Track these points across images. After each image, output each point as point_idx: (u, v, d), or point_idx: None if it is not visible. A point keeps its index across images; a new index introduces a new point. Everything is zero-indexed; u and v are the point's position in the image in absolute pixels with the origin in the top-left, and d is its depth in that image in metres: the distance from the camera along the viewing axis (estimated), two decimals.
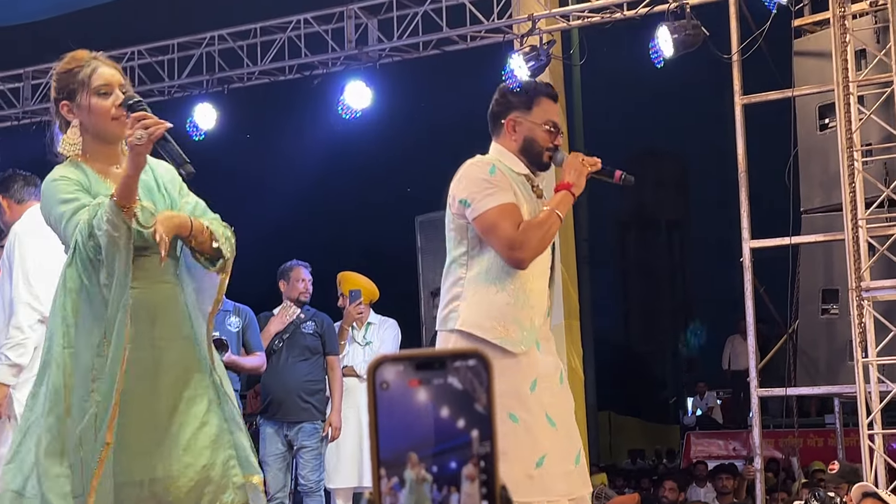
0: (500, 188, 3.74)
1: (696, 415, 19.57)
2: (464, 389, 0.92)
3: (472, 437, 0.91)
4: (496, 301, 3.76)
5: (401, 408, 0.91)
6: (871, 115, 7.59)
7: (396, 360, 0.92)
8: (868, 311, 7.40)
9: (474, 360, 0.92)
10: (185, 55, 10.67)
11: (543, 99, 3.90)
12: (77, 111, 3.34)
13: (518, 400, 3.70)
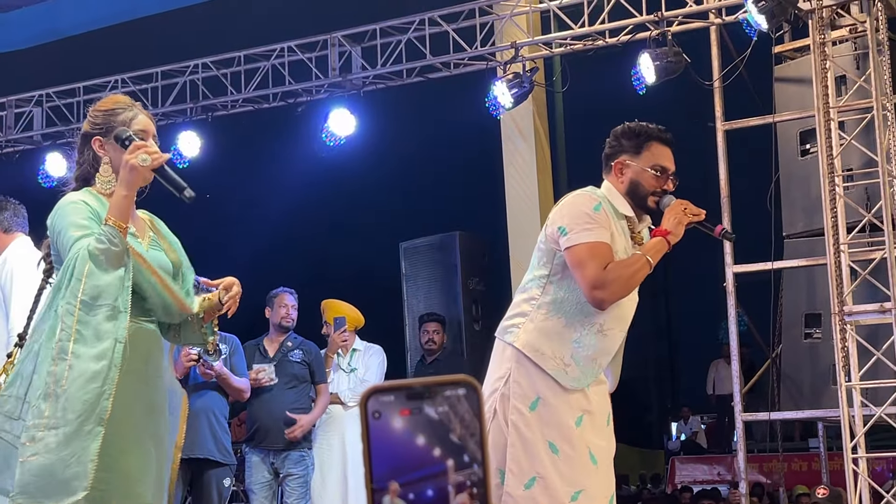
0: (599, 225, 3.74)
1: (681, 439, 19.55)
2: (455, 417, 0.93)
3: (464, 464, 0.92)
4: (563, 334, 3.78)
5: (392, 436, 0.93)
6: (852, 140, 7.65)
7: (388, 389, 0.94)
8: (851, 335, 7.44)
9: (464, 389, 0.94)
10: (168, 83, 10.69)
11: (654, 143, 3.86)
12: (109, 149, 3.45)
13: (561, 432, 3.72)
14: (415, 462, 0.93)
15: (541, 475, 3.69)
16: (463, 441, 0.93)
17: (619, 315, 3.79)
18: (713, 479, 14.97)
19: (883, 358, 7.30)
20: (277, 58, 10.25)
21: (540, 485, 3.70)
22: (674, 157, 3.86)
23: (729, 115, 8.83)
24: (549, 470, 3.68)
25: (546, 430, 3.72)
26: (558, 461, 3.69)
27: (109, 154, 3.45)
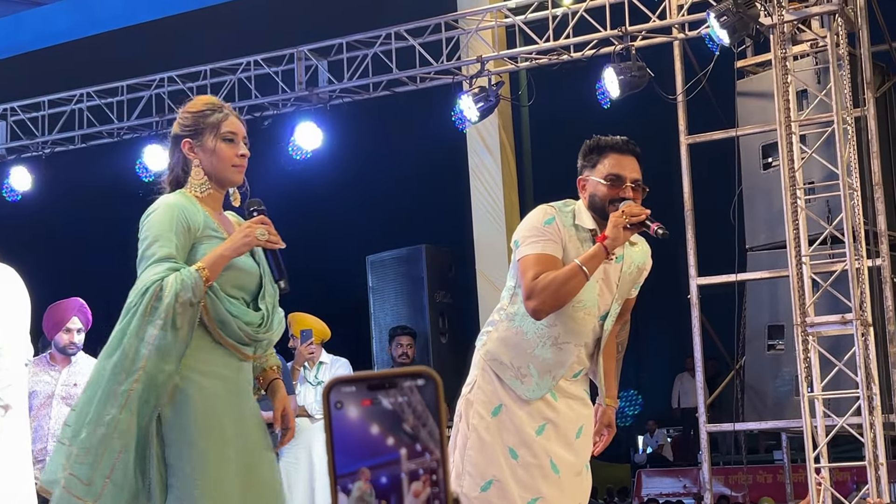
0: (547, 238, 3.77)
1: (647, 453, 19.63)
2: (413, 408, 0.96)
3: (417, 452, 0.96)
4: (522, 345, 3.82)
5: (353, 426, 0.96)
6: (813, 153, 7.75)
7: (350, 381, 0.97)
8: (813, 347, 7.52)
9: (422, 380, 0.97)
10: (134, 97, 10.67)
11: (610, 154, 3.85)
12: (199, 151, 3.45)
13: (521, 438, 3.75)
14: (372, 450, 0.96)
15: (497, 478, 3.73)
16: (415, 430, 0.96)
17: (573, 329, 3.81)
18: (679, 492, 15.04)
19: (845, 369, 7.38)
20: (244, 71, 10.27)
21: (496, 488, 3.73)
22: (639, 165, 3.87)
23: (692, 129, 8.93)
24: (506, 474, 3.71)
25: (506, 436, 3.77)
26: (517, 466, 3.73)
27: (199, 157, 3.44)
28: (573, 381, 3.89)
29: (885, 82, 8.88)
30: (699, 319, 8.68)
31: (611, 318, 3.91)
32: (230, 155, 3.45)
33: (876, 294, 8.02)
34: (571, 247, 3.78)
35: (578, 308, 3.78)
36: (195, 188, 3.44)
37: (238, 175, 3.46)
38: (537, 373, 3.79)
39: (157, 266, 3.26)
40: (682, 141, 8.85)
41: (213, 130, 3.44)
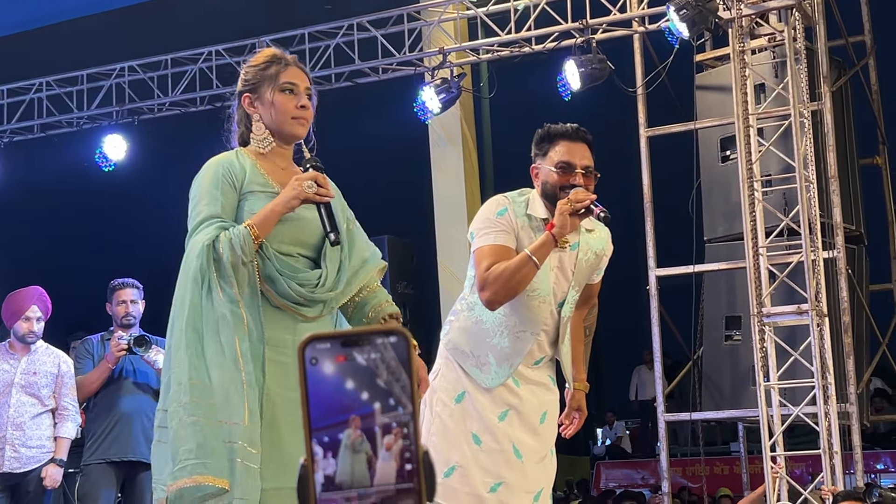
0: (499, 230, 3.81)
1: (606, 444, 19.75)
2: (386, 364, 1.00)
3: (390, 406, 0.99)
4: (481, 334, 3.87)
5: (327, 381, 0.99)
6: (770, 146, 7.84)
7: (325, 338, 1.00)
8: (769, 337, 7.62)
9: (395, 338, 1.00)
10: (94, 86, 10.62)
11: (560, 142, 3.87)
12: (259, 105, 3.31)
13: (484, 425, 3.80)
14: (346, 404, 0.99)
15: (460, 464, 3.77)
16: (389, 385, 1.00)
17: (529, 318, 3.86)
18: (637, 484, 15.17)
19: (800, 358, 7.49)
20: (205, 61, 10.24)
21: (458, 473, 3.77)
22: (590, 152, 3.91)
23: (652, 122, 9.01)
24: (469, 460, 3.76)
25: (469, 422, 3.81)
26: (479, 452, 3.77)
27: (259, 111, 3.31)
28: (535, 368, 3.93)
29: (842, 76, 9.00)
30: (658, 310, 8.77)
31: (568, 305, 3.94)
32: (289, 106, 3.29)
33: (831, 285, 8.13)
34: (524, 236, 3.82)
35: (533, 297, 3.82)
36: (258, 144, 3.31)
37: (299, 127, 3.30)
38: (495, 361, 3.83)
39: (206, 227, 3.15)
40: (641, 133, 8.94)
41: (271, 82, 3.30)
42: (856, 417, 8.04)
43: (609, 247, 4.07)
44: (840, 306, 8.21)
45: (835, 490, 7.15)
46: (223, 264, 3.09)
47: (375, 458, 1.00)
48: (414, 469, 1.00)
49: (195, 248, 3.12)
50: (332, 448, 1.00)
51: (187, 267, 3.14)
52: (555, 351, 3.98)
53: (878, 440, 14.35)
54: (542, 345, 3.93)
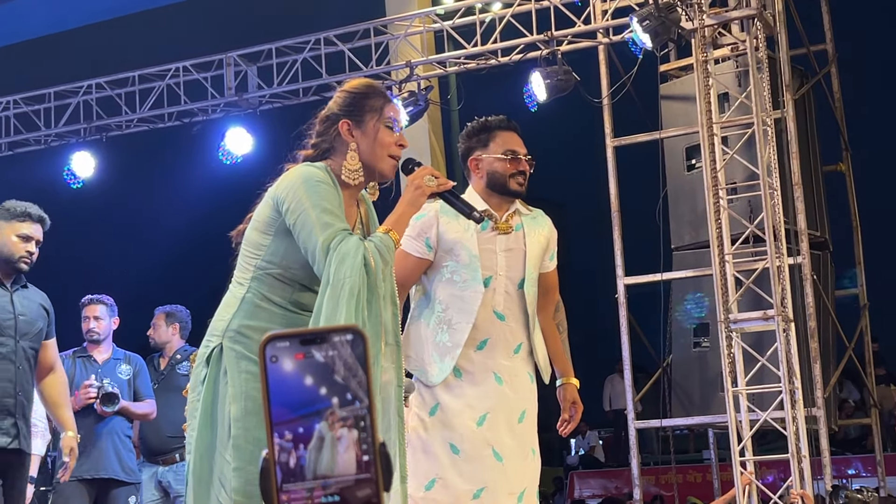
0: (412, 235, 3.94)
1: (579, 454, 19.82)
2: (343, 360, 1.05)
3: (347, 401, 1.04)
4: (422, 336, 3.97)
5: (287, 378, 1.04)
6: (735, 154, 7.93)
7: (284, 336, 1.05)
8: (737, 343, 7.69)
9: (351, 335, 1.05)
10: (62, 104, 10.61)
11: (499, 132, 4.06)
12: (358, 135, 3.21)
13: (462, 433, 3.84)
14: (306, 400, 1.04)
15: (440, 476, 3.80)
16: (346, 381, 1.04)
17: (463, 309, 3.94)
18: (611, 493, 15.24)
19: (767, 364, 7.56)
20: (173, 77, 10.25)
21: (439, 485, 3.81)
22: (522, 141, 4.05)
23: (618, 132, 9.10)
24: (449, 471, 3.79)
25: (446, 433, 3.85)
26: (458, 461, 3.81)
27: (358, 140, 3.19)
28: (514, 357, 3.98)
29: (804, 84, 9.11)
30: (626, 318, 8.84)
31: (528, 285, 4.03)
32: (390, 142, 3.21)
33: (797, 291, 8.23)
34: (451, 230, 3.93)
35: (465, 288, 3.93)
36: (349, 174, 3.17)
37: (392, 168, 3.23)
38: (438, 357, 3.90)
39: (346, 239, 3.00)
40: (607, 143, 9.02)
41: (376, 114, 3.22)
42: (823, 422, 8.13)
43: (553, 229, 4.20)
44: (806, 312, 8.30)
45: (804, 493, 7.23)
46: (372, 277, 2.99)
47: (335, 451, 1.04)
48: (371, 460, 1.05)
49: (345, 262, 2.97)
50: (293, 442, 1.04)
51: (338, 282, 2.96)
52: (530, 338, 4.04)
53: (848, 445, 14.48)
54: (514, 329, 3.99)
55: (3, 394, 4.67)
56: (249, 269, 3.21)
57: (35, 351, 4.85)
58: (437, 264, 3.99)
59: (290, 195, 3.09)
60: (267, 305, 3.15)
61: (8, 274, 4.84)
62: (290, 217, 3.09)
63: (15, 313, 4.78)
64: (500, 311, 3.98)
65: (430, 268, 4.01)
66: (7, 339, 4.73)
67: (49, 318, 4.99)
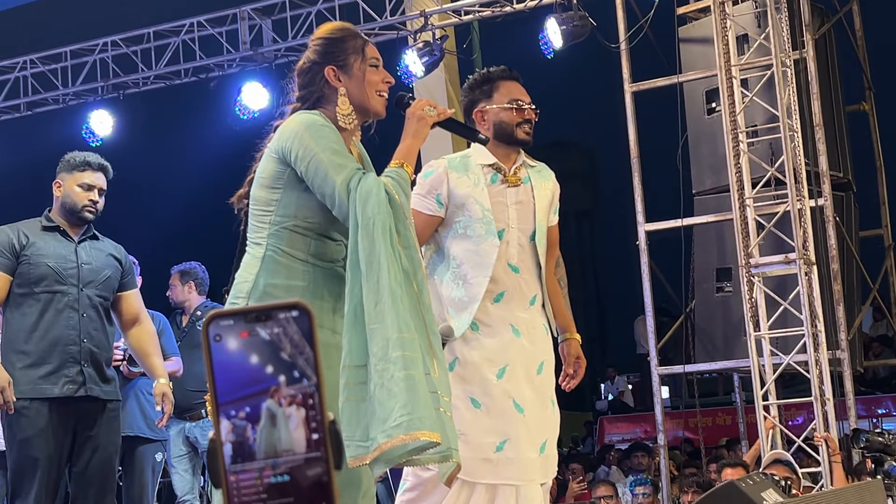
0: (421, 193, 3.91)
1: (608, 399, 19.87)
2: (290, 338, 1.03)
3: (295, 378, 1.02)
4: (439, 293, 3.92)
5: (232, 357, 1.02)
6: (754, 97, 7.83)
7: (228, 315, 1.02)
8: (758, 287, 7.64)
9: (296, 312, 1.03)
10: (78, 62, 10.60)
11: (502, 82, 4.01)
12: (345, 79, 3.19)
13: (482, 387, 3.82)
14: (252, 379, 1.02)
15: (462, 431, 3.78)
16: (293, 358, 1.02)
17: (479, 263, 3.91)
18: (640, 437, 15.26)
19: (790, 308, 7.51)
20: (187, 33, 10.21)
21: (461, 441, 3.78)
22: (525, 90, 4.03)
23: (636, 77, 8.98)
24: (470, 425, 3.78)
25: (466, 388, 3.83)
26: (480, 415, 3.80)
27: (346, 85, 3.18)
28: (530, 309, 3.97)
29: (825, 23, 8.97)
30: (648, 265, 8.79)
31: (539, 237, 4.02)
32: (377, 80, 3.20)
33: (819, 233, 8.15)
34: (460, 187, 3.90)
35: (480, 242, 3.90)
36: (343, 119, 3.16)
37: (383, 106, 3.22)
38: (455, 313, 3.88)
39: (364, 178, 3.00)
40: (626, 89, 8.91)
41: (358, 56, 3.20)
42: (847, 363, 8.08)
43: (556, 183, 4.19)
44: (829, 254, 8.23)
45: (827, 436, 7.20)
46: (398, 210, 3.00)
47: (283, 430, 1.02)
48: (321, 438, 1.03)
49: (370, 200, 2.96)
50: (240, 421, 1.02)
51: (368, 220, 2.96)
52: (543, 290, 4.03)
53: (878, 384, 14.43)
54: (528, 281, 3.97)
55: (68, 342, 4.71)
56: (264, 227, 3.18)
57: (103, 299, 4.88)
58: (449, 220, 3.97)
59: (296, 143, 3.07)
60: (287, 261, 3.14)
61: (75, 224, 4.89)
62: (300, 165, 3.07)
63: (78, 262, 4.81)
64: (515, 264, 3.97)
65: (442, 224, 3.99)
66: (70, 287, 4.77)
67: (123, 269, 5.02)
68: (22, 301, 4.73)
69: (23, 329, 4.72)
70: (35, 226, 4.88)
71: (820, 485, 7.13)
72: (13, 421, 4.69)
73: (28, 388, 4.64)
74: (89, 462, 4.74)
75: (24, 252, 4.77)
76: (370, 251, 2.94)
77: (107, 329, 4.91)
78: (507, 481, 3.79)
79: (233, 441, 1.02)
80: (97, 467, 4.75)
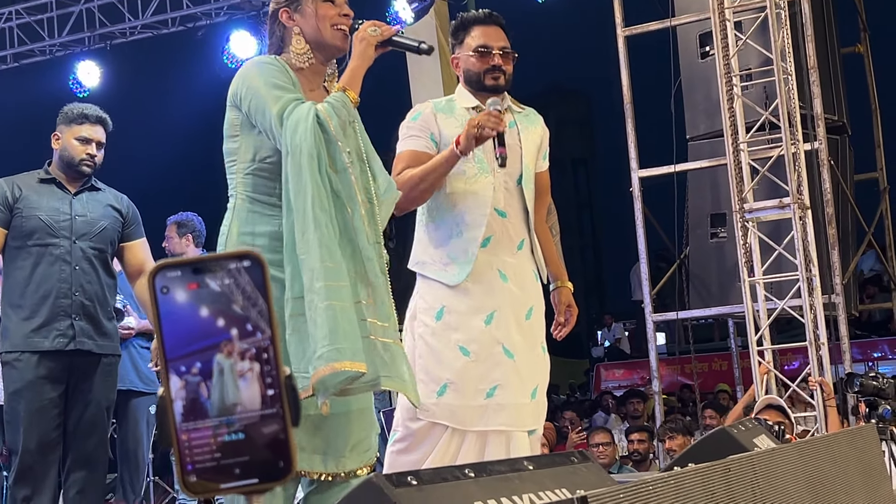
0: (411, 135, 3.87)
1: (605, 347, 19.90)
2: (241, 289, 0.97)
3: (248, 332, 0.96)
4: (433, 237, 3.89)
5: (181, 310, 0.96)
6: (748, 40, 7.73)
7: (174, 265, 0.97)
8: (752, 232, 7.59)
9: (248, 262, 0.97)
10: (64, 13, 10.48)
11: (474, 28, 3.94)
12: (299, 18, 3.20)
13: (470, 335, 3.79)
14: (202, 333, 0.96)
15: (451, 381, 3.76)
16: (245, 311, 0.97)
17: (475, 202, 3.88)
18: (636, 384, 15.30)
19: (784, 253, 7.46)
20: None
21: (451, 389, 3.77)
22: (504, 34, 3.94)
23: (628, 21, 8.87)
24: (459, 373, 3.75)
25: (454, 335, 3.79)
26: (469, 363, 3.76)
27: (300, 24, 3.20)
28: (518, 254, 3.92)
29: None
30: (642, 212, 8.73)
31: (526, 181, 3.97)
32: (332, 13, 3.18)
33: (815, 177, 8.09)
34: (448, 127, 3.85)
35: (472, 181, 3.86)
36: (297, 58, 3.18)
37: (342, 39, 3.19)
38: (456, 255, 3.83)
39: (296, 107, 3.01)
40: (618, 33, 8.80)
41: None
42: (842, 308, 8.05)
43: (545, 128, 4.14)
44: (824, 198, 8.17)
45: (822, 381, 7.19)
46: (331, 134, 2.99)
47: (237, 386, 0.97)
48: (277, 394, 0.98)
49: (298, 128, 2.98)
50: (191, 377, 0.97)
51: (296, 148, 2.97)
52: (530, 235, 3.98)
53: (874, 328, 14.43)
54: (516, 225, 3.92)
55: (59, 294, 4.68)
56: (234, 177, 3.21)
57: (98, 251, 4.83)
58: None
59: (241, 85, 3.11)
60: (257, 208, 3.15)
61: (73, 178, 4.85)
62: (245, 105, 3.10)
63: (72, 214, 4.77)
64: (501, 209, 3.91)
65: None
66: (62, 240, 4.73)
67: (125, 220, 4.96)
68: (16, 254, 4.71)
69: (18, 282, 4.70)
70: (32, 179, 4.85)
71: (815, 429, 7.13)
72: (5, 374, 4.68)
73: (20, 341, 4.63)
74: (82, 415, 4.72)
75: (17, 205, 4.74)
76: (297, 180, 2.97)
77: (103, 282, 4.86)
78: (498, 427, 3.77)
79: (184, 398, 0.97)
80: (89, 420, 4.73)
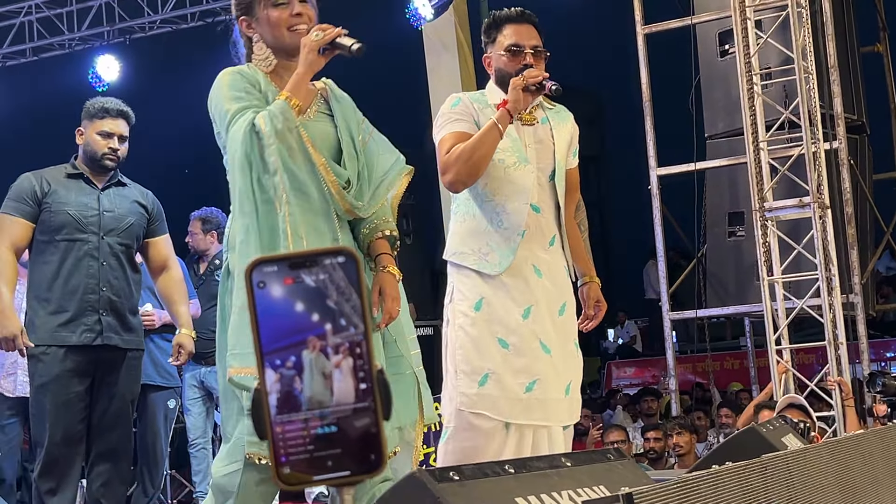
0: (455, 119, 3.84)
1: (617, 344, 19.85)
2: (336, 284, 0.99)
3: (341, 327, 0.98)
4: (472, 227, 3.88)
5: (276, 304, 0.98)
6: (768, 38, 7.73)
7: (271, 260, 0.98)
8: (772, 231, 7.59)
9: (343, 258, 0.99)
10: (84, 7, 10.50)
11: (506, 26, 3.92)
12: (256, 25, 3.29)
13: (508, 327, 3.79)
14: (297, 327, 0.98)
15: (492, 371, 3.77)
16: (339, 306, 0.98)
17: (514, 190, 3.87)
18: (648, 382, 15.27)
19: (804, 252, 7.46)
20: None
21: (493, 380, 3.78)
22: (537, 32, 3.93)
23: (648, 19, 8.87)
24: (501, 365, 3.76)
25: (493, 327, 3.80)
26: (509, 355, 3.77)
27: (258, 31, 3.29)
28: (550, 250, 3.93)
29: None
30: (660, 210, 8.73)
31: (559, 177, 3.97)
32: (282, 18, 3.25)
33: (834, 176, 8.08)
34: (484, 120, 3.85)
35: (511, 170, 3.85)
36: (261, 63, 3.28)
37: (295, 38, 3.23)
38: (496, 245, 3.83)
39: (239, 118, 3.11)
40: (638, 31, 8.80)
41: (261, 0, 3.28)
42: (860, 307, 8.05)
43: (575, 125, 4.13)
44: (843, 197, 8.16)
45: (840, 380, 7.18)
46: (265, 142, 3.06)
47: (331, 380, 0.99)
48: (369, 388, 0.99)
49: (235, 138, 3.08)
50: (286, 370, 0.99)
51: (231, 156, 3.10)
52: (561, 231, 3.98)
53: (887, 328, 14.41)
54: (548, 221, 3.93)
55: (87, 290, 4.70)
56: None
57: (125, 247, 4.85)
58: None
59: (211, 94, 3.21)
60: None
61: (98, 173, 4.86)
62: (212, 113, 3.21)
63: (100, 210, 4.78)
64: (535, 203, 3.92)
65: None
66: (90, 235, 4.75)
67: (150, 216, 4.98)
68: (44, 249, 4.71)
69: (45, 277, 4.71)
70: (59, 173, 4.85)
71: (833, 429, 7.13)
72: (31, 367, 4.69)
73: (47, 335, 4.64)
74: (107, 409, 4.74)
75: (46, 200, 4.74)
76: (233, 187, 3.10)
77: (129, 277, 4.88)
78: (536, 422, 3.78)
79: (278, 391, 0.99)
80: (114, 414, 4.75)
